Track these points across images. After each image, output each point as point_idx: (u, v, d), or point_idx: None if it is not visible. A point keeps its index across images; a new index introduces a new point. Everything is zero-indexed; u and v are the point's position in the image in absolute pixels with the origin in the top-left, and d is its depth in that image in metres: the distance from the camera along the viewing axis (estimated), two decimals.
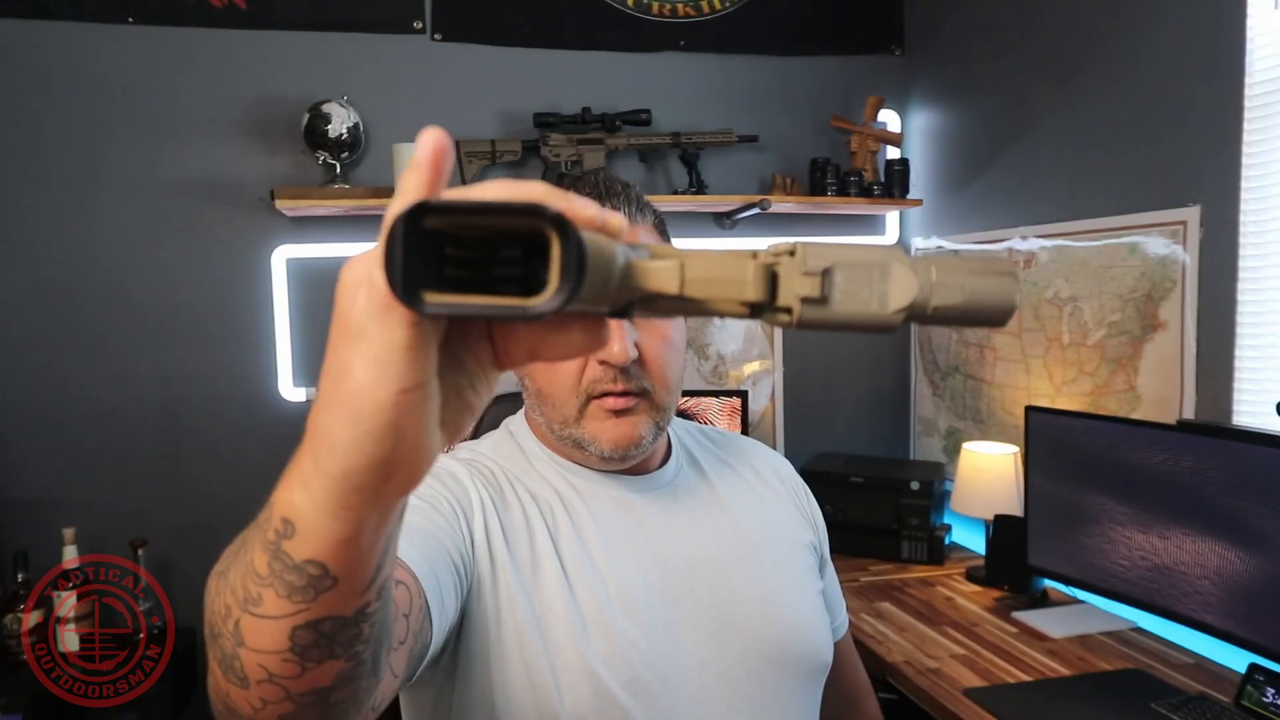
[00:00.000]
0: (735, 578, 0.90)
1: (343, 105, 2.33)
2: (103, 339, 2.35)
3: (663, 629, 0.84)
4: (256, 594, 0.42)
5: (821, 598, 0.98)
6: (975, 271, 0.37)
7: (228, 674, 0.46)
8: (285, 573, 0.40)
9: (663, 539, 0.90)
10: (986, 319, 0.38)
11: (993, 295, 0.37)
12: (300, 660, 0.43)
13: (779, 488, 1.03)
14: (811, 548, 1.02)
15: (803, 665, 0.90)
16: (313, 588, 0.40)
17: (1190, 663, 1.73)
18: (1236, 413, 1.76)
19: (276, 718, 0.47)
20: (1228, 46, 1.75)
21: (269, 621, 0.42)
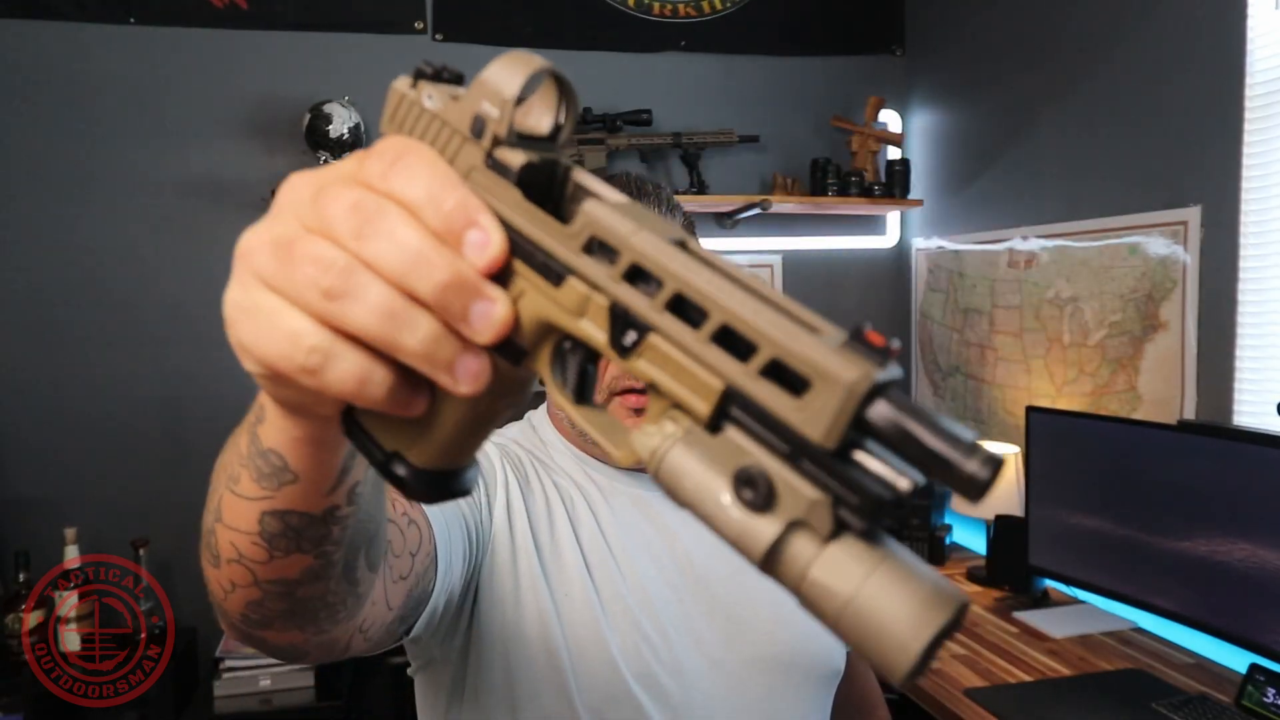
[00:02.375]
0: (749, 580, 0.90)
1: (344, 105, 2.33)
2: (104, 339, 2.35)
3: (676, 627, 0.85)
4: (237, 473, 0.44)
5: None
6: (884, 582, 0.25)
7: (206, 550, 0.48)
8: (255, 457, 0.42)
9: (679, 539, 0.90)
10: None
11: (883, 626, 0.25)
12: (268, 546, 0.44)
13: None
14: None
15: (814, 671, 0.90)
16: (275, 478, 0.41)
17: (1191, 663, 1.73)
18: (1237, 413, 1.76)
19: (244, 603, 0.48)
20: (1228, 47, 1.75)
21: (243, 502, 0.44)
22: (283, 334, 0.30)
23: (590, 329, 0.30)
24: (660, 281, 0.29)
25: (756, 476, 0.26)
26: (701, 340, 0.28)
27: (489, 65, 0.32)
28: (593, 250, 0.30)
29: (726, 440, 0.27)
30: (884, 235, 2.90)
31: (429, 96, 0.34)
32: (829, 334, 0.27)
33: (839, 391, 0.25)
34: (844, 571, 0.25)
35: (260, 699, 2.08)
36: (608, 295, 0.30)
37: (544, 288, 0.31)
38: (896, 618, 0.24)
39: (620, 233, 0.30)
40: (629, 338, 0.30)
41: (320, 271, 0.29)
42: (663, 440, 0.28)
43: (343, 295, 0.29)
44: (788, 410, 0.26)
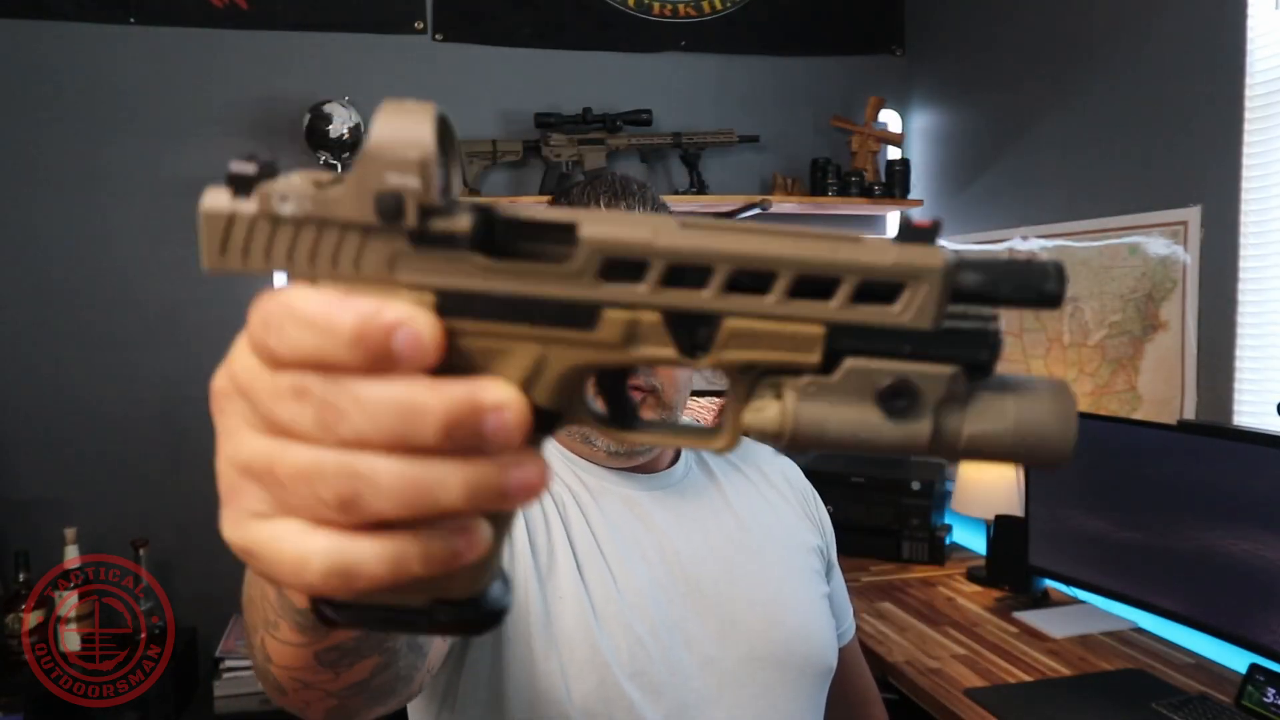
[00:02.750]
0: (741, 579, 0.90)
1: (344, 105, 2.33)
2: (104, 339, 2.35)
3: (668, 627, 0.85)
4: (274, 620, 0.42)
5: (827, 601, 0.99)
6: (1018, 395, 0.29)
7: (264, 681, 0.47)
8: (293, 614, 0.40)
9: (670, 538, 0.90)
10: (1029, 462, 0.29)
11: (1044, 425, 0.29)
12: (332, 669, 0.44)
13: (787, 491, 1.04)
14: (818, 552, 1.02)
15: (807, 668, 0.91)
16: (321, 628, 0.40)
17: (1191, 663, 1.73)
18: (1237, 413, 1.76)
19: (324, 712, 0.47)
20: (1228, 47, 1.75)
21: (290, 647, 0.42)
22: (294, 563, 0.26)
23: (650, 350, 0.28)
24: (709, 269, 0.28)
25: (901, 386, 0.28)
26: (779, 299, 0.28)
27: (374, 128, 0.26)
28: (612, 273, 0.28)
29: (847, 373, 0.28)
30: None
31: (283, 199, 0.27)
32: (877, 241, 0.28)
33: (935, 280, 0.28)
34: (992, 415, 0.29)
35: (260, 699, 2.08)
36: (657, 308, 0.28)
37: (574, 336, 0.28)
38: (1048, 421, 0.29)
39: (638, 242, 0.27)
40: (700, 337, 0.28)
41: (318, 485, 0.25)
42: (784, 407, 0.29)
43: (354, 497, 0.25)
44: (892, 317, 0.28)
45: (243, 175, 0.27)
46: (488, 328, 0.27)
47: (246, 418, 0.27)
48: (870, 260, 0.27)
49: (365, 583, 0.26)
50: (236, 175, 0.27)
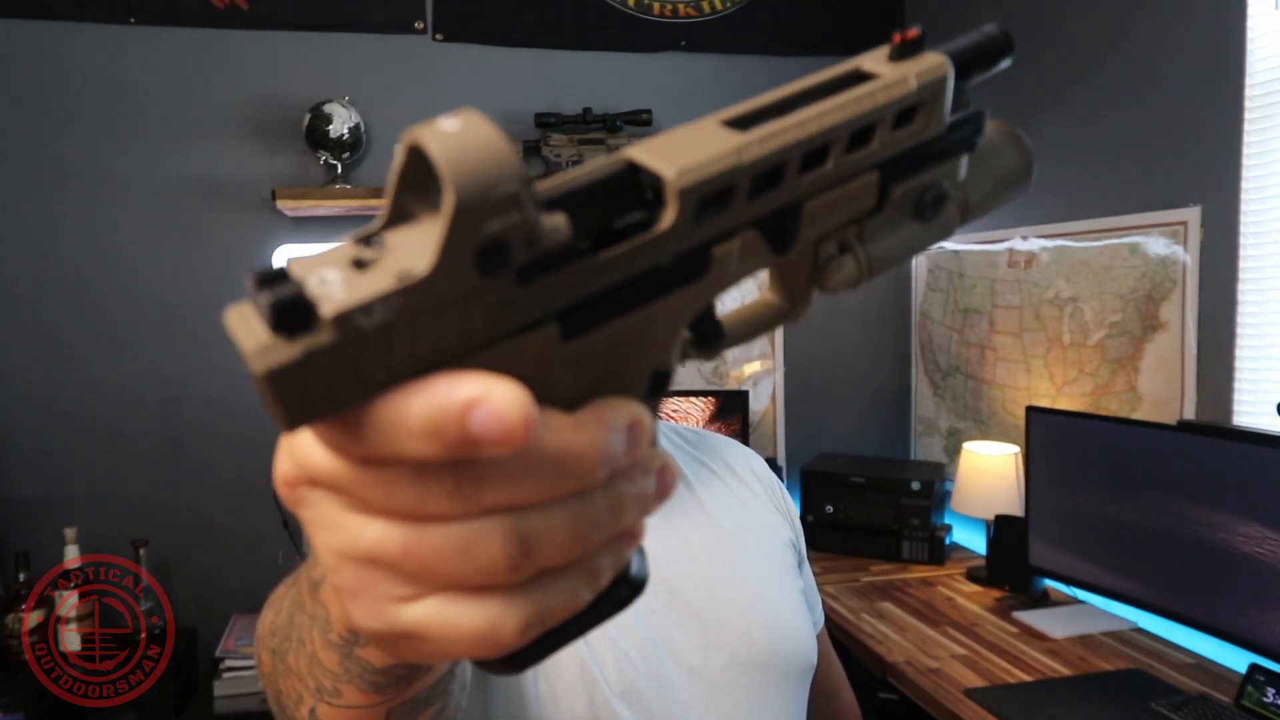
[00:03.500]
0: (720, 583, 0.89)
1: (344, 105, 2.33)
2: (106, 339, 2.35)
3: (654, 639, 0.84)
4: (332, 687, 0.40)
5: (802, 596, 0.98)
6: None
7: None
8: (366, 674, 0.39)
9: (647, 544, 0.89)
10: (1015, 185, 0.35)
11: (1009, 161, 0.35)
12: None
13: (756, 486, 1.02)
14: (791, 545, 1.01)
15: (790, 667, 0.90)
16: (404, 681, 0.39)
17: (1190, 663, 1.73)
18: (1237, 413, 1.76)
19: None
20: (1228, 47, 1.75)
21: (356, 710, 0.41)
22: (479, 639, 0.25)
23: (751, 264, 0.28)
24: (783, 165, 0.27)
25: (937, 194, 0.31)
26: (837, 163, 0.28)
27: (448, 170, 0.21)
28: (706, 209, 0.26)
29: (895, 203, 0.30)
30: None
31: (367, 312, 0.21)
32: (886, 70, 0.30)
33: (942, 90, 0.30)
34: (983, 179, 0.33)
35: (260, 699, 2.08)
36: (750, 222, 0.27)
37: (692, 290, 0.27)
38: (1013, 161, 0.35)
39: (728, 169, 0.26)
40: (788, 232, 0.28)
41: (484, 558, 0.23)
42: (856, 259, 0.30)
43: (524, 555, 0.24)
44: (920, 134, 0.30)
45: (288, 303, 0.21)
46: (615, 328, 0.25)
47: (346, 505, 0.25)
48: (902, 93, 0.29)
49: (556, 621, 0.25)
50: (281, 306, 0.21)
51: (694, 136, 0.26)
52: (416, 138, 0.22)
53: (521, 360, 0.23)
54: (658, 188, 0.25)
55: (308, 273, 0.22)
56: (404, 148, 0.22)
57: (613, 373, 0.26)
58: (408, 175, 0.23)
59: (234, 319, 0.22)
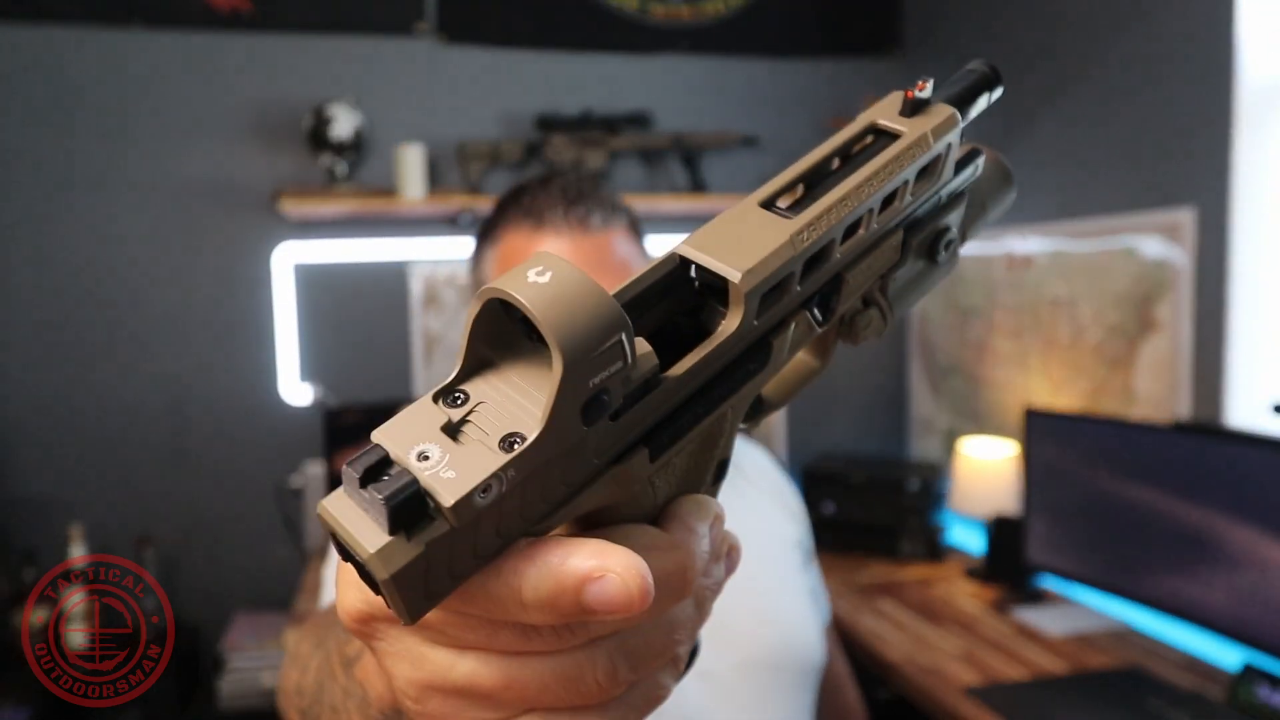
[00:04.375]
0: (730, 583, 0.89)
1: (346, 107, 2.35)
2: (109, 339, 2.36)
3: None
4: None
5: (811, 596, 0.98)
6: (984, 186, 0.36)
7: None
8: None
9: None
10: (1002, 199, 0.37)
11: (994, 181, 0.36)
12: None
13: (764, 485, 1.03)
14: (798, 544, 1.01)
15: (799, 667, 0.90)
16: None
17: (1185, 661, 1.74)
18: (1231, 413, 1.77)
19: None
20: (1221, 49, 1.76)
21: None
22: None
23: (800, 340, 0.29)
24: (830, 243, 0.28)
25: (948, 238, 0.33)
26: (869, 229, 0.29)
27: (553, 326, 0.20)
28: (766, 302, 0.26)
29: (911, 252, 0.32)
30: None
31: (484, 493, 0.21)
32: (898, 119, 0.31)
33: (955, 142, 0.31)
34: (976, 207, 0.34)
35: (263, 697, 2.09)
36: (800, 305, 0.28)
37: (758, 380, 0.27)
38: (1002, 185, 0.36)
39: (784, 261, 0.26)
40: (830, 303, 0.29)
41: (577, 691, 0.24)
42: (883, 310, 0.32)
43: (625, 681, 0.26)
44: (935, 186, 0.31)
45: (405, 501, 0.20)
46: (692, 435, 0.25)
47: (432, 641, 0.24)
48: (924, 153, 0.30)
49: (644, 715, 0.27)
50: (398, 506, 0.20)
51: (743, 226, 0.26)
52: (505, 293, 0.21)
53: (617, 488, 0.24)
54: (711, 284, 0.25)
55: (404, 450, 0.21)
56: (481, 300, 0.22)
57: (691, 474, 0.27)
58: (484, 324, 0.23)
59: (339, 515, 0.21)
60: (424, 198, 2.34)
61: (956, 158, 0.32)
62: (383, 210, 2.36)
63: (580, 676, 0.23)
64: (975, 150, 0.33)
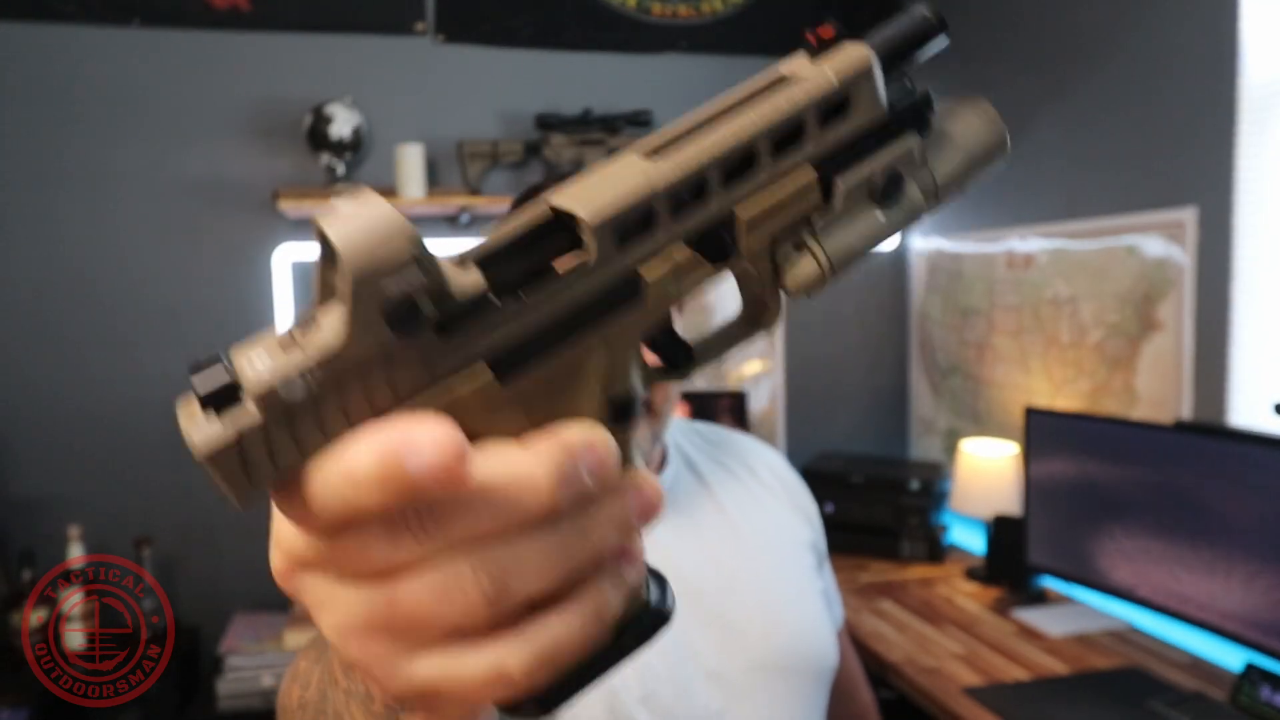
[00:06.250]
0: (739, 585, 0.89)
1: (345, 106, 2.34)
2: (108, 338, 2.36)
3: (674, 643, 0.83)
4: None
5: (823, 598, 0.97)
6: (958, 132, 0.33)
7: None
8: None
9: (670, 552, 0.88)
10: (984, 176, 0.34)
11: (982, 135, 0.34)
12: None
13: (776, 487, 1.02)
14: (811, 546, 1.01)
15: (809, 670, 0.90)
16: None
17: (1187, 662, 1.74)
18: (1233, 413, 1.77)
19: None
20: (1224, 48, 1.76)
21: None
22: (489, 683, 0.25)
23: (693, 280, 0.28)
24: (703, 181, 0.28)
25: (888, 176, 0.31)
26: (768, 168, 0.29)
27: (336, 241, 0.22)
28: (627, 236, 0.27)
29: (845, 194, 0.30)
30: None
31: (287, 385, 0.23)
32: (805, 69, 0.31)
33: (871, 74, 0.30)
34: (948, 154, 0.33)
35: (263, 697, 2.09)
36: (683, 240, 0.28)
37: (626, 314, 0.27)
38: (982, 130, 0.33)
39: (640, 195, 0.27)
40: (726, 241, 0.29)
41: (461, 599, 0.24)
42: (815, 256, 0.30)
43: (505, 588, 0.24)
44: (855, 124, 0.30)
45: (218, 390, 0.23)
46: (551, 365, 0.26)
47: (334, 579, 0.25)
48: (820, 90, 0.30)
49: (567, 660, 0.25)
50: (212, 394, 0.22)
51: (612, 172, 0.27)
52: (316, 221, 0.23)
53: (462, 408, 0.24)
54: (576, 228, 0.26)
55: (240, 357, 0.23)
56: (316, 231, 0.24)
57: (562, 407, 0.26)
58: (326, 256, 0.24)
59: (182, 413, 0.23)
60: (423, 197, 2.34)
61: (890, 98, 0.31)
62: None
63: (449, 590, 0.23)
64: (923, 92, 0.32)
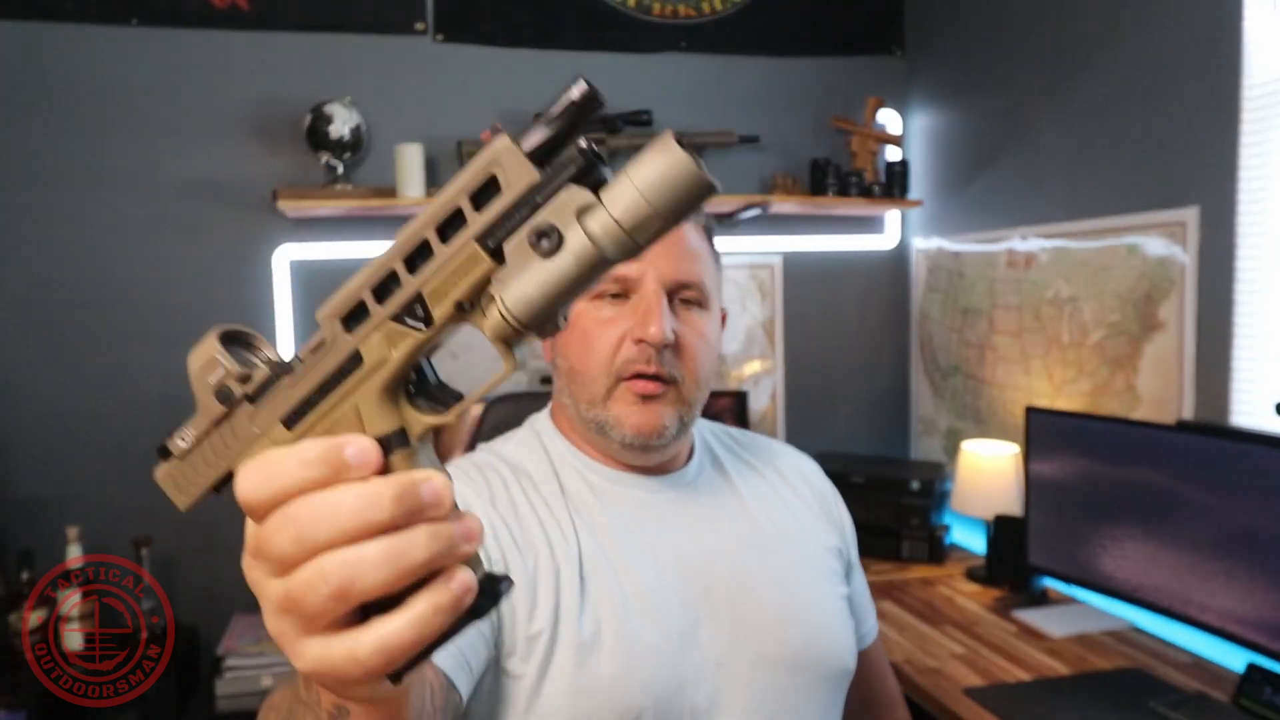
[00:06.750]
0: (754, 579, 0.89)
1: (345, 106, 2.34)
2: (106, 338, 2.35)
3: (680, 631, 0.84)
4: None
5: (846, 603, 0.97)
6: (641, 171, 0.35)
7: None
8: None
9: (682, 539, 0.89)
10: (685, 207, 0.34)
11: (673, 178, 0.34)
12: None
13: (804, 491, 1.02)
14: (837, 553, 1.00)
15: (822, 669, 0.89)
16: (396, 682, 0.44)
17: (1189, 662, 1.74)
18: (1235, 413, 1.76)
19: None
20: (1226, 48, 1.75)
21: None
22: (347, 662, 0.32)
23: (404, 348, 0.37)
24: (393, 273, 0.36)
25: (538, 230, 0.34)
26: (440, 252, 0.36)
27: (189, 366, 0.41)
28: (350, 325, 0.37)
29: (510, 253, 0.35)
30: (884, 235, 2.91)
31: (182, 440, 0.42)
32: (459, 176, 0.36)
33: (509, 152, 0.35)
34: (618, 196, 0.34)
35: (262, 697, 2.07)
36: (385, 319, 0.37)
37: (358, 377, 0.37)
38: (660, 166, 0.34)
39: (348, 292, 0.37)
40: (418, 313, 0.36)
41: (320, 589, 0.31)
42: (496, 307, 0.35)
43: (349, 585, 0.31)
44: (507, 199, 0.35)
45: (161, 448, 0.42)
46: (316, 414, 0.38)
47: (264, 572, 0.34)
48: (465, 179, 0.35)
49: (404, 648, 0.32)
50: (160, 449, 0.42)
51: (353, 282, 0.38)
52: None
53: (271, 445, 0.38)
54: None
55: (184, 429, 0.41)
56: None
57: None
58: None
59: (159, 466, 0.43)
60: (423, 197, 2.33)
61: (529, 166, 0.34)
62: (381, 209, 2.35)
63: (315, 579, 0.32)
64: (580, 151, 0.35)
